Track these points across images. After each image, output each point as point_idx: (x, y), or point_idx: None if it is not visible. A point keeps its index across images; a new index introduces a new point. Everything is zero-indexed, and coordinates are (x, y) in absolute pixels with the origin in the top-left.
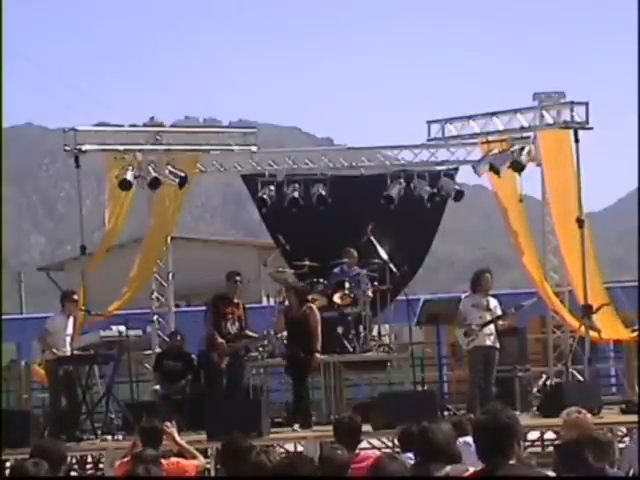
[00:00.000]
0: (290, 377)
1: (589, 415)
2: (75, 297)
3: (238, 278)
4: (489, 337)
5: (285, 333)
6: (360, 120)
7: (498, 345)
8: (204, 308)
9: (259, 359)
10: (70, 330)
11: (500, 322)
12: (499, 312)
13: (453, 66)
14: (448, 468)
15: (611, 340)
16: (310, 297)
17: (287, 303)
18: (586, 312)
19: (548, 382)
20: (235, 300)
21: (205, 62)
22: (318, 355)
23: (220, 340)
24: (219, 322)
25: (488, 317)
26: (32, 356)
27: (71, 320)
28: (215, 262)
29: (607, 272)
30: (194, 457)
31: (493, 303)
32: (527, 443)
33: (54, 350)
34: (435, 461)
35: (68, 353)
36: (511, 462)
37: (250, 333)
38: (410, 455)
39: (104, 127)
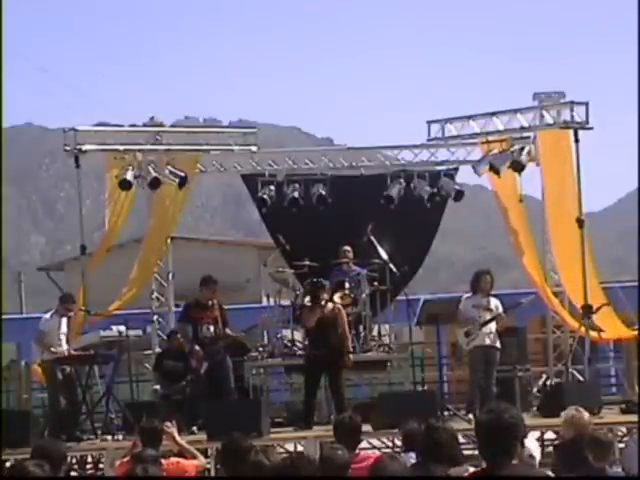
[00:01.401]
0: (304, 376)
1: (587, 414)
2: (73, 306)
3: (214, 286)
4: (489, 337)
5: (282, 331)
6: (360, 120)
7: (499, 345)
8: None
9: (259, 359)
10: (64, 329)
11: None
12: (501, 312)
13: (453, 66)
14: (449, 470)
15: (611, 340)
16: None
17: (322, 300)
18: (586, 312)
19: (548, 382)
20: (209, 303)
21: (205, 62)
22: (351, 355)
23: (195, 347)
24: (194, 328)
25: (488, 317)
26: (32, 356)
27: (64, 319)
28: (215, 262)
29: (607, 272)
30: (194, 457)
31: (494, 303)
32: None
33: (52, 350)
34: (436, 461)
35: (65, 352)
36: (513, 462)
37: (228, 332)
38: (412, 454)
39: (104, 127)
